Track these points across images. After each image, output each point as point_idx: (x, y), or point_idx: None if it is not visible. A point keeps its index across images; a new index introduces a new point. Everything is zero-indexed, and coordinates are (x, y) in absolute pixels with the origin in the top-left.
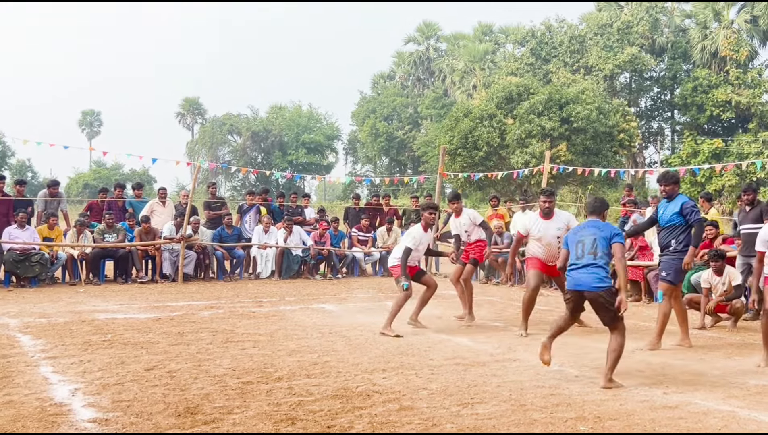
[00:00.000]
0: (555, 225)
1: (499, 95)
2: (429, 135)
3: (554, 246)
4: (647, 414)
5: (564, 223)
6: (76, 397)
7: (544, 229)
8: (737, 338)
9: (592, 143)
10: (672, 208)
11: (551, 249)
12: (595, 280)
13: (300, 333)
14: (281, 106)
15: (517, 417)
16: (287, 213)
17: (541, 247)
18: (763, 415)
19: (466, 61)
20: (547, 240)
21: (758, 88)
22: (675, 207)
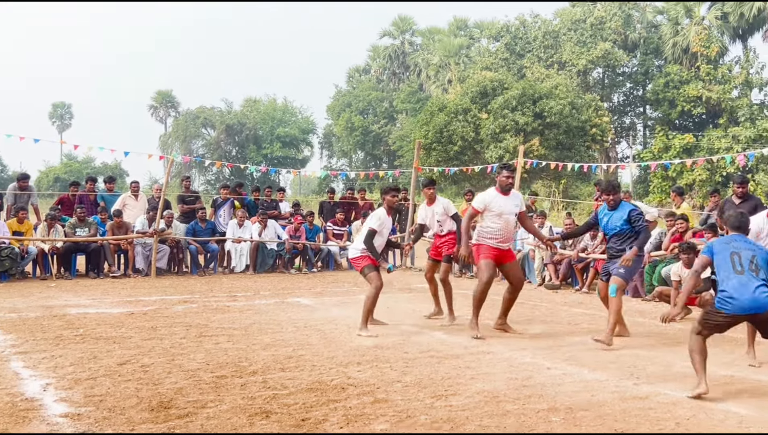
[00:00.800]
0: (513, 201)
1: (473, 90)
2: (404, 129)
3: (511, 223)
4: (618, 404)
5: (520, 201)
6: (47, 392)
7: (504, 205)
8: None
9: (565, 138)
10: (619, 216)
11: (508, 226)
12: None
13: (275, 327)
14: (256, 99)
15: (490, 408)
16: (262, 207)
17: (498, 225)
18: (730, 405)
19: (441, 55)
20: (506, 216)
21: (728, 84)
22: (623, 215)
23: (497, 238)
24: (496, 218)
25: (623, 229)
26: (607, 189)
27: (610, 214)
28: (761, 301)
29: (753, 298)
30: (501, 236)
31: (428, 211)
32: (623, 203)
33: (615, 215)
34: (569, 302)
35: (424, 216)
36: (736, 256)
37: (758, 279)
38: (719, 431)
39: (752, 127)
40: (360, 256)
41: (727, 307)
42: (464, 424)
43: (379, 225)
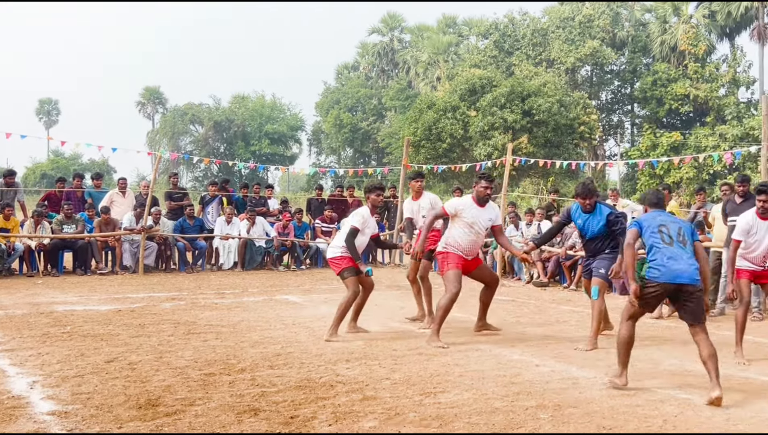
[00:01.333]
0: (488, 215)
1: (462, 87)
2: (393, 126)
3: (481, 237)
4: (606, 402)
5: (496, 215)
6: (34, 389)
7: (478, 216)
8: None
9: (553, 135)
10: (598, 221)
11: (478, 239)
12: (695, 272)
13: (263, 324)
14: (244, 96)
15: (479, 405)
16: (250, 204)
17: (468, 236)
18: None
19: (430, 52)
20: (477, 228)
21: (715, 82)
22: (600, 220)
23: (463, 250)
24: (466, 228)
25: (604, 233)
26: (582, 193)
27: (586, 218)
28: (691, 272)
29: (683, 268)
30: (467, 249)
31: (414, 205)
32: (599, 206)
33: (592, 220)
34: (557, 299)
35: (411, 210)
36: (665, 228)
37: (686, 251)
38: (706, 429)
39: (739, 125)
40: (339, 257)
41: (657, 276)
42: (453, 422)
43: (361, 223)
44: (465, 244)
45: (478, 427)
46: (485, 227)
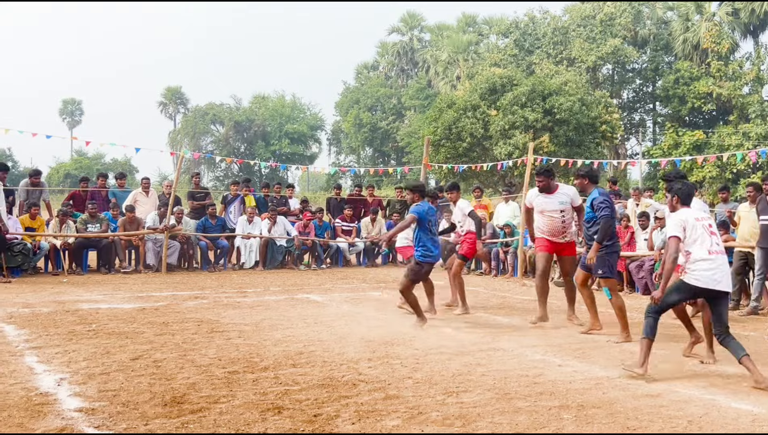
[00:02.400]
0: (557, 200)
1: (482, 86)
2: (413, 126)
3: (557, 220)
4: (630, 402)
5: (563, 200)
6: (61, 386)
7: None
8: None
9: (574, 134)
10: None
11: (554, 222)
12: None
13: (285, 323)
14: (264, 95)
15: (502, 405)
16: (271, 203)
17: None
18: (741, 403)
19: (450, 51)
20: (549, 214)
21: (739, 80)
22: (588, 202)
23: (543, 233)
24: (539, 216)
25: (593, 217)
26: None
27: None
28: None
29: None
30: (548, 231)
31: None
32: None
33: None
34: (578, 299)
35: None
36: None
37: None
38: (731, 430)
39: (763, 123)
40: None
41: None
42: (476, 421)
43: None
44: (545, 228)
45: (501, 427)
46: (557, 211)
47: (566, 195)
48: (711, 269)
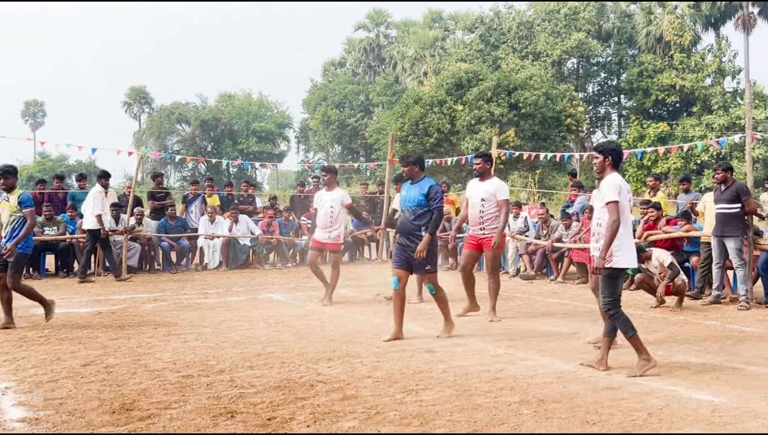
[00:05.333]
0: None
1: (449, 82)
2: (381, 122)
3: (477, 208)
4: (590, 396)
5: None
6: (6, 396)
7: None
8: (680, 318)
9: (540, 128)
10: (418, 191)
11: (474, 211)
12: None
13: (245, 324)
14: (231, 94)
15: (461, 402)
16: (236, 202)
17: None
18: (702, 394)
19: (417, 47)
20: (472, 202)
21: (701, 72)
22: (422, 189)
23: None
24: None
25: (421, 204)
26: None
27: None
28: None
29: None
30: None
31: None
32: (425, 178)
33: (413, 190)
34: (544, 292)
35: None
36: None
37: None
38: (691, 421)
39: (725, 114)
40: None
41: None
42: (434, 419)
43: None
44: (469, 218)
45: (459, 425)
46: (479, 199)
47: (492, 186)
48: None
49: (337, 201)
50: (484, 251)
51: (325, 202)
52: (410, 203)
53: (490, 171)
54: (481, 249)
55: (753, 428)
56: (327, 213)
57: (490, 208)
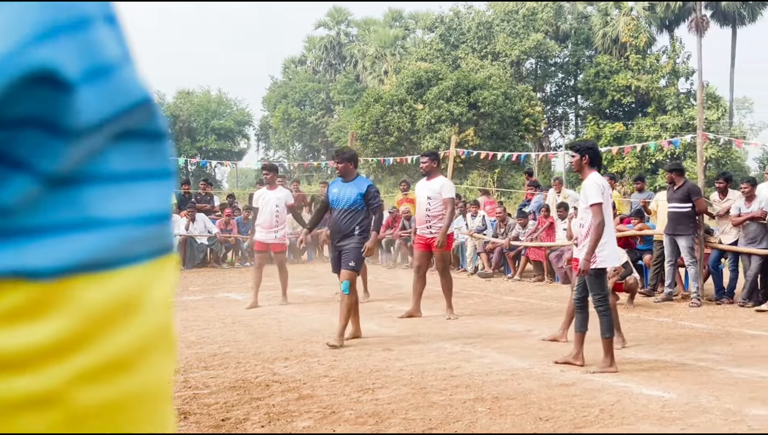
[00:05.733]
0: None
1: (409, 81)
2: (342, 120)
3: (424, 207)
4: (544, 392)
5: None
6: None
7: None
8: (632, 315)
9: (499, 128)
10: (354, 190)
11: (420, 209)
12: None
13: (201, 324)
14: (189, 91)
15: (417, 400)
16: (193, 200)
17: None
18: (652, 390)
19: (377, 46)
20: (420, 200)
21: (656, 73)
22: (359, 189)
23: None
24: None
25: (357, 204)
26: (336, 156)
27: (344, 187)
28: None
29: None
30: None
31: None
32: (359, 177)
33: (347, 189)
34: (501, 290)
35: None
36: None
37: None
38: (641, 417)
39: (679, 115)
40: None
41: None
42: (389, 418)
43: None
44: (417, 216)
45: (414, 423)
46: (425, 197)
47: (438, 184)
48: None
49: (282, 200)
50: (433, 251)
51: (269, 201)
52: (344, 203)
53: (437, 170)
54: (431, 248)
55: (700, 423)
56: (272, 212)
57: (436, 207)
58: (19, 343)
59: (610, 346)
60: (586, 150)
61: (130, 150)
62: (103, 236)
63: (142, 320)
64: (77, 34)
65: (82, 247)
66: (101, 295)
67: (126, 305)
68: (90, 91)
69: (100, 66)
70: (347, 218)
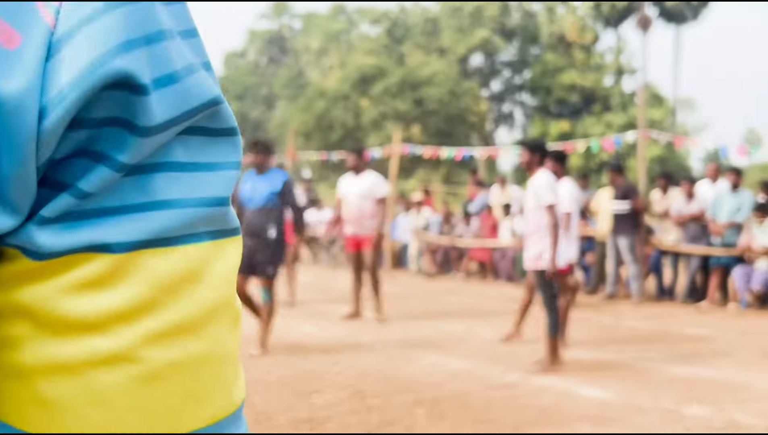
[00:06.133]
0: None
1: (353, 76)
2: (285, 116)
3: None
4: (484, 394)
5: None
6: None
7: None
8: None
9: (445, 125)
10: (270, 186)
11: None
12: None
13: None
14: None
15: (354, 404)
16: None
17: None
18: (593, 390)
19: (321, 40)
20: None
21: (601, 71)
22: (274, 184)
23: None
24: None
25: (272, 202)
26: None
27: (258, 180)
28: None
29: None
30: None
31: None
32: (274, 169)
33: (262, 183)
34: (444, 290)
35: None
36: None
37: None
38: (580, 417)
39: (624, 113)
40: None
41: None
42: (325, 423)
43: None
44: (346, 214)
45: (350, 428)
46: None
47: (369, 181)
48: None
49: None
50: (363, 250)
51: None
52: (258, 199)
53: (364, 166)
54: (362, 247)
55: (638, 423)
56: None
57: (368, 205)
58: (97, 308)
59: (555, 346)
60: (537, 148)
61: (193, 143)
62: (168, 216)
63: (204, 291)
64: (152, 46)
65: (149, 225)
66: (167, 266)
67: (189, 277)
68: (160, 95)
69: (170, 73)
70: (262, 217)
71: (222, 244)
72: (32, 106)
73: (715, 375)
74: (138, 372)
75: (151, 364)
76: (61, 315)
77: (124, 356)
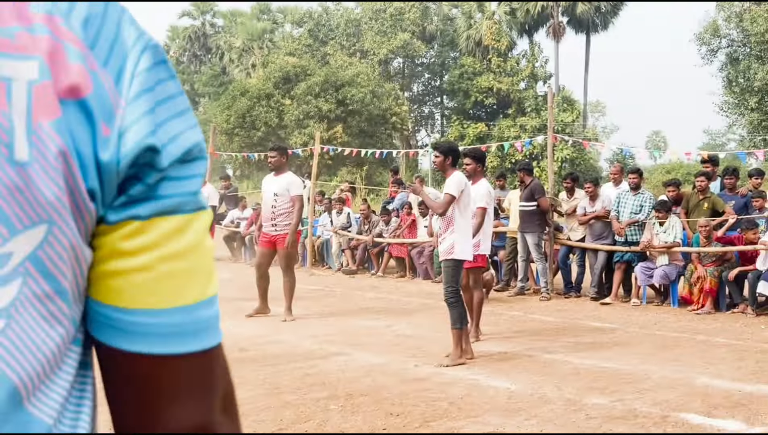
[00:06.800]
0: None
1: (276, 75)
2: (207, 113)
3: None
4: (397, 387)
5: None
6: None
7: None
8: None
9: (367, 125)
10: None
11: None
12: None
13: None
14: None
15: (270, 401)
16: None
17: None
18: (500, 382)
19: (245, 39)
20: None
21: (516, 76)
22: None
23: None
24: None
25: None
26: None
27: None
28: None
29: None
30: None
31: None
32: None
33: None
34: (363, 287)
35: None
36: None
37: None
38: (488, 408)
39: (537, 117)
40: None
41: None
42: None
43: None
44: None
45: (264, 425)
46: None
47: (285, 180)
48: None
49: None
50: (278, 250)
51: None
52: None
53: (285, 165)
54: (276, 247)
55: (543, 413)
56: None
57: (282, 204)
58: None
59: (460, 338)
60: (449, 151)
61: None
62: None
63: (189, 236)
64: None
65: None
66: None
67: (181, 229)
68: (168, 148)
69: (174, 135)
70: None
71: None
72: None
73: (616, 366)
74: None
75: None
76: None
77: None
